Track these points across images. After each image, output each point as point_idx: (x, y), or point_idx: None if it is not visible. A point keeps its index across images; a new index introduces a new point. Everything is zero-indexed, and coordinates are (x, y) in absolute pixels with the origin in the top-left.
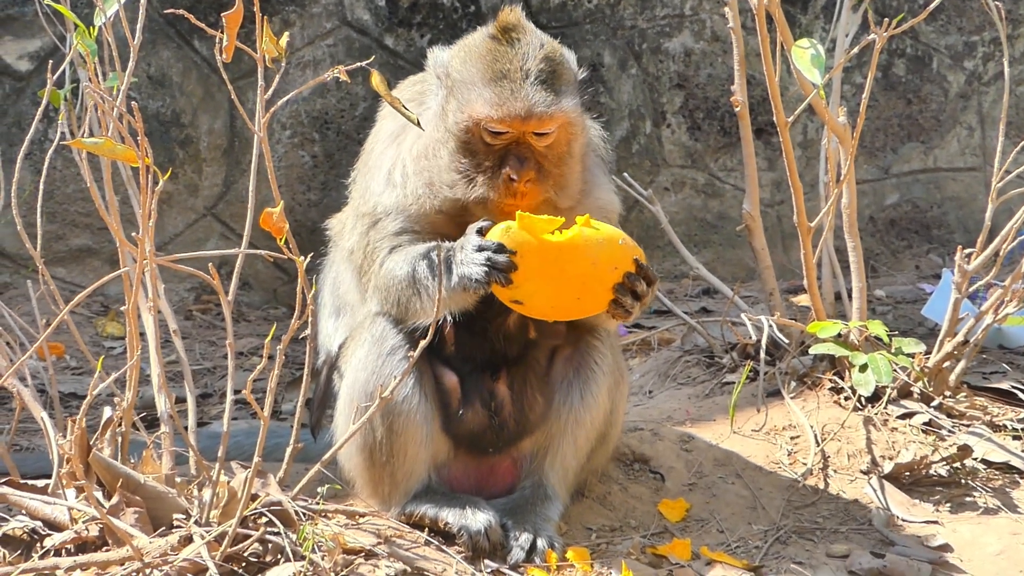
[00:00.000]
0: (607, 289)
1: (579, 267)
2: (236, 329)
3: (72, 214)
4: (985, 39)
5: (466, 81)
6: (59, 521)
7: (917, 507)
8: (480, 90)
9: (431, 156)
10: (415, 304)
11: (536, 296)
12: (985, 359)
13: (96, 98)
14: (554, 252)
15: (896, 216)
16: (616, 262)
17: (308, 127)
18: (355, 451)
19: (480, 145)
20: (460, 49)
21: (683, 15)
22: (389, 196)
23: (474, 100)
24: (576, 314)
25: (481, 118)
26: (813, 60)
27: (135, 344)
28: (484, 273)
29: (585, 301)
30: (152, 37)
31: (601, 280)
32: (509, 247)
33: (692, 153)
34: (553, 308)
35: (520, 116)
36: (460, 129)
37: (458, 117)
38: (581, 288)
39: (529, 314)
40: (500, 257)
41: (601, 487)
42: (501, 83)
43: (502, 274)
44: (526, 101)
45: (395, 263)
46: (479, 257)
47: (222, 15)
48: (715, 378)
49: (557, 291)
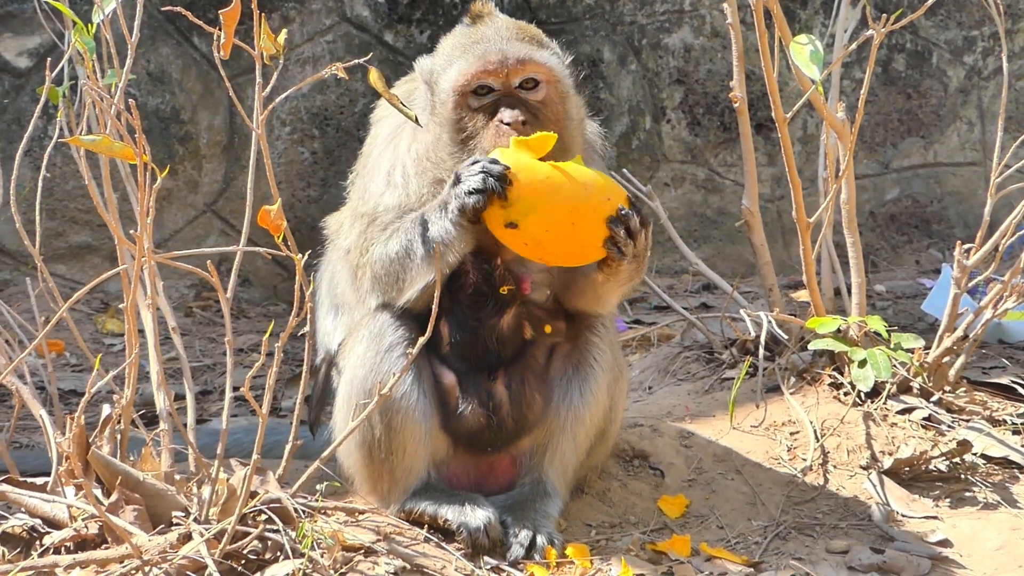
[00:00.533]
0: (600, 219)
1: (572, 189)
2: (236, 326)
3: (72, 211)
4: (985, 34)
5: (442, 68)
6: (58, 519)
7: (917, 502)
8: (456, 63)
9: (432, 155)
10: (414, 262)
11: (531, 216)
12: (985, 354)
13: (94, 96)
14: (548, 170)
15: (896, 211)
16: (608, 193)
17: (308, 123)
18: (354, 448)
19: (469, 113)
20: (440, 48)
21: (683, 11)
22: (391, 196)
23: (449, 77)
24: (571, 248)
25: (462, 82)
26: (812, 56)
27: (134, 342)
28: (480, 180)
29: (579, 228)
30: (151, 34)
31: (594, 207)
32: (503, 162)
33: (692, 149)
34: (547, 232)
35: (496, 63)
36: (448, 109)
37: (443, 99)
38: (574, 212)
39: (523, 245)
40: (495, 166)
41: (601, 483)
42: (474, 47)
43: (497, 182)
44: (501, 52)
45: (386, 241)
46: (475, 168)
47: (220, 12)
48: (715, 374)
49: (551, 212)
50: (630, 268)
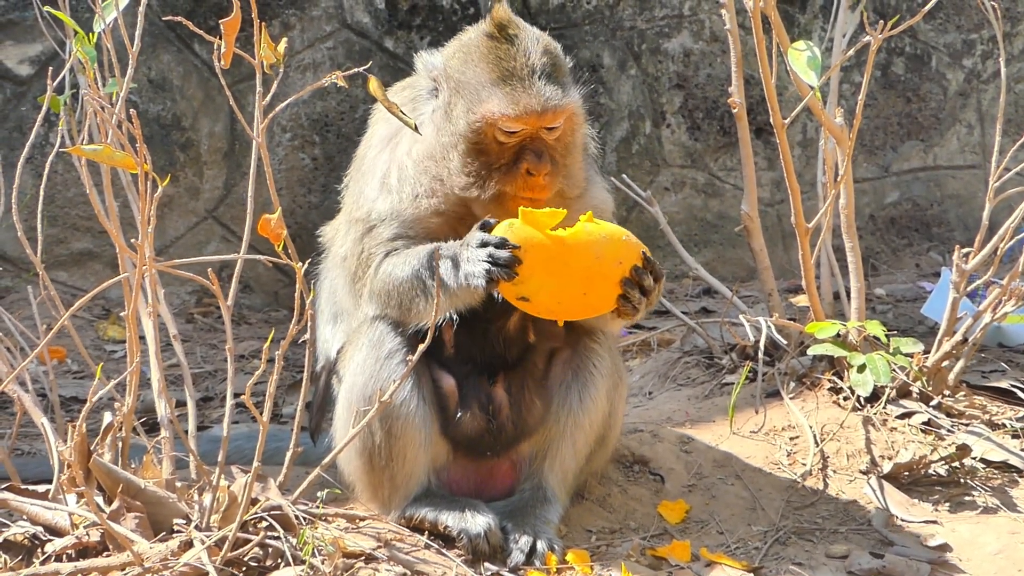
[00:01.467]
0: (613, 284)
1: (583, 261)
2: (237, 332)
3: (73, 218)
4: (984, 37)
5: (472, 82)
6: (60, 526)
7: (916, 507)
8: (490, 90)
9: (439, 159)
10: (419, 304)
11: (542, 292)
12: (984, 358)
13: (95, 105)
14: (557, 246)
15: (896, 214)
16: (620, 257)
17: (308, 130)
18: (354, 455)
19: (493, 145)
20: (457, 50)
21: (682, 15)
22: (384, 201)
23: (485, 100)
24: (583, 311)
25: (496, 118)
26: (809, 62)
27: (135, 349)
28: (485, 270)
29: (591, 297)
30: (152, 41)
31: (606, 275)
32: (513, 242)
33: (692, 153)
34: (559, 304)
35: (536, 112)
36: (472, 131)
37: (469, 119)
38: (586, 283)
39: (536, 312)
40: (502, 252)
41: (601, 489)
42: (511, 82)
43: (504, 269)
44: (539, 97)
45: (394, 266)
46: (481, 253)
47: (221, 21)
48: (714, 379)
49: (562, 286)
50: (642, 316)
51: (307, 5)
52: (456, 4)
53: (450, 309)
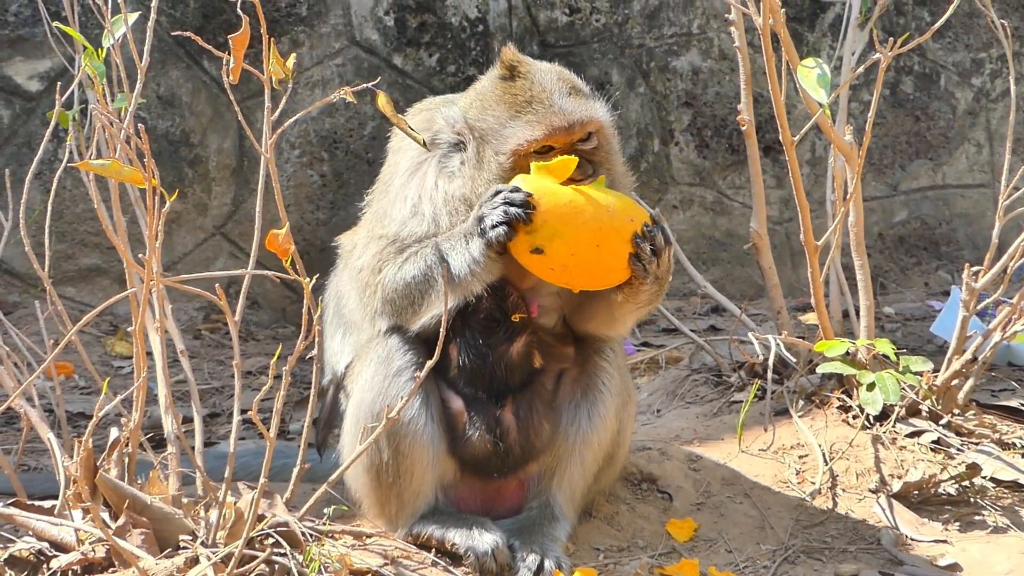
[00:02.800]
0: (624, 240)
1: (595, 210)
2: (245, 348)
3: (81, 234)
4: (992, 56)
5: (493, 126)
6: (66, 542)
7: (926, 526)
8: (513, 123)
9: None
10: (434, 289)
11: (555, 240)
12: (994, 376)
13: (104, 121)
14: (570, 194)
15: (905, 233)
16: (631, 213)
17: (317, 146)
18: (362, 472)
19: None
20: (474, 100)
21: (691, 34)
22: (416, 225)
23: (510, 135)
24: (597, 270)
25: (525, 144)
26: (819, 80)
27: (142, 365)
28: (503, 212)
29: (604, 250)
30: (161, 57)
31: (618, 229)
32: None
33: (700, 171)
34: (573, 256)
35: (563, 128)
36: (507, 169)
37: (500, 160)
38: (599, 234)
39: (550, 269)
40: (517, 195)
41: (609, 507)
42: (532, 107)
43: (520, 210)
44: (562, 114)
45: (403, 268)
46: (497, 200)
47: (229, 37)
48: (723, 397)
49: (576, 234)
50: (651, 290)
51: (316, 22)
52: (465, 22)
53: (471, 285)
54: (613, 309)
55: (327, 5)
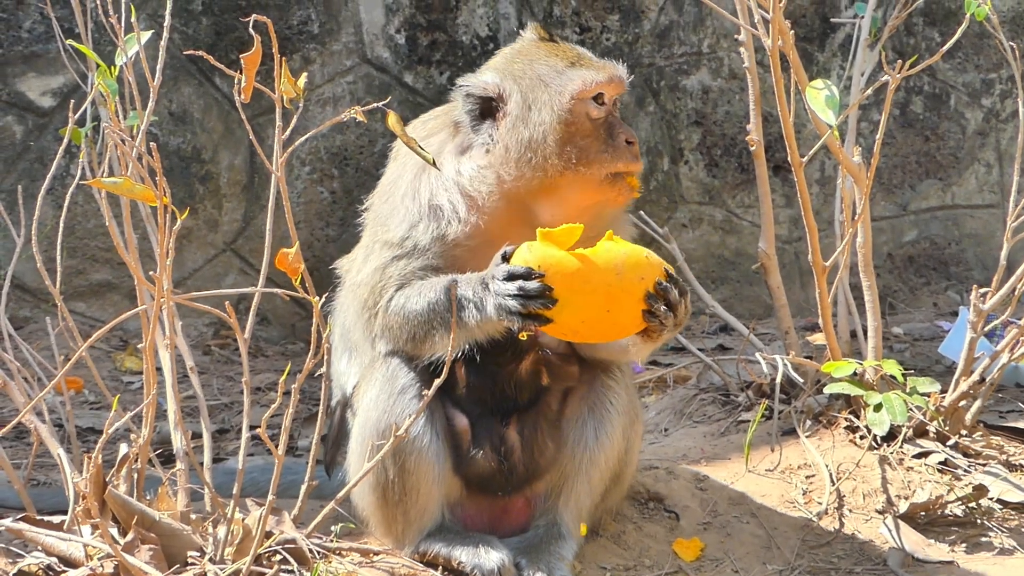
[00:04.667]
0: (636, 300)
1: (604, 276)
2: (254, 364)
3: (93, 249)
4: (1003, 76)
5: (548, 73)
6: (74, 558)
7: (932, 547)
8: (569, 73)
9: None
10: (434, 337)
11: (564, 311)
12: (1002, 398)
13: (116, 139)
14: (577, 263)
15: (914, 253)
16: (642, 272)
17: (327, 163)
18: (368, 490)
19: (585, 124)
20: (513, 57)
21: (701, 53)
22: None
23: (568, 82)
24: (608, 331)
25: (591, 86)
26: (827, 101)
27: (152, 381)
28: (521, 304)
29: (615, 314)
30: (174, 74)
31: (628, 291)
32: (535, 266)
33: (710, 190)
34: (583, 323)
35: (619, 77)
36: (565, 110)
37: (559, 103)
38: (608, 300)
39: (559, 334)
40: (532, 284)
41: (615, 526)
42: (583, 62)
43: (538, 301)
44: (614, 65)
45: (407, 298)
46: (511, 287)
47: (241, 56)
48: (731, 416)
49: (584, 304)
50: (668, 336)
51: (328, 40)
52: (476, 40)
53: (470, 341)
54: (629, 351)
55: (339, 23)
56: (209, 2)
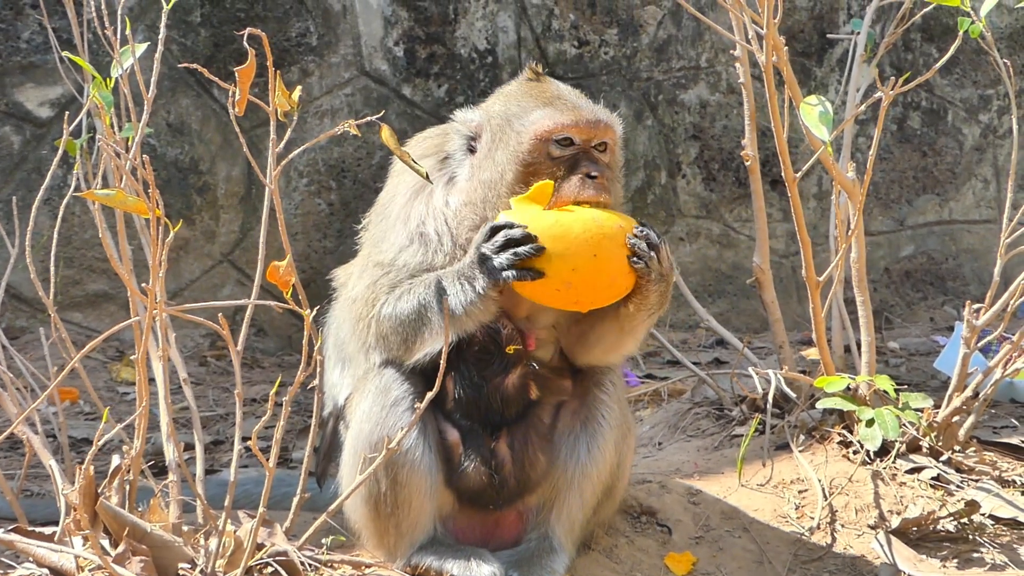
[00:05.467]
0: (618, 244)
1: (584, 223)
2: (250, 376)
3: (89, 259)
4: (1000, 92)
5: (517, 113)
6: (66, 569)
7: (924, 563)
8: (539, 111)
9: (483, 197)
10: (424, 334)
11: (553, 261)
12: (995, 413)
13: (110, 151)
14: (555, 215)
15: (911, 268)
16: (617, 220)
17: (325, 175)
18: (360, 502)
19: (545, 163)
20: (497, 97)
21: (699, 67)
22: (413, 253)
23: (534, 121)
24: (600, 281)
25: (552, 126)
26: (821, 117)
27: (144, 392)
28: (512, 254)
29: (602, 258)
30: (171, 85)
31: (610, 235)
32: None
33: (707, 204)
34: (574, 271)
35: (589, 122)
36: (524, 151)
37: (520, 140)
38: (592, 243)
39: (554, 289)
40: (516, 231)
41: (608, 540)
42: (558, 101)
43: (528, 247)
44: (589, 111)
45: (398, 298)
46: (498, 239)
47: (235, 70)
48: (724, 430)
49: (571, 249)
50: (659, 289)
51: (326, 52)
52: (474, 53)
53: (461, 332)
54: (623, 322)
55: (337, 35)
56: (208, 14)
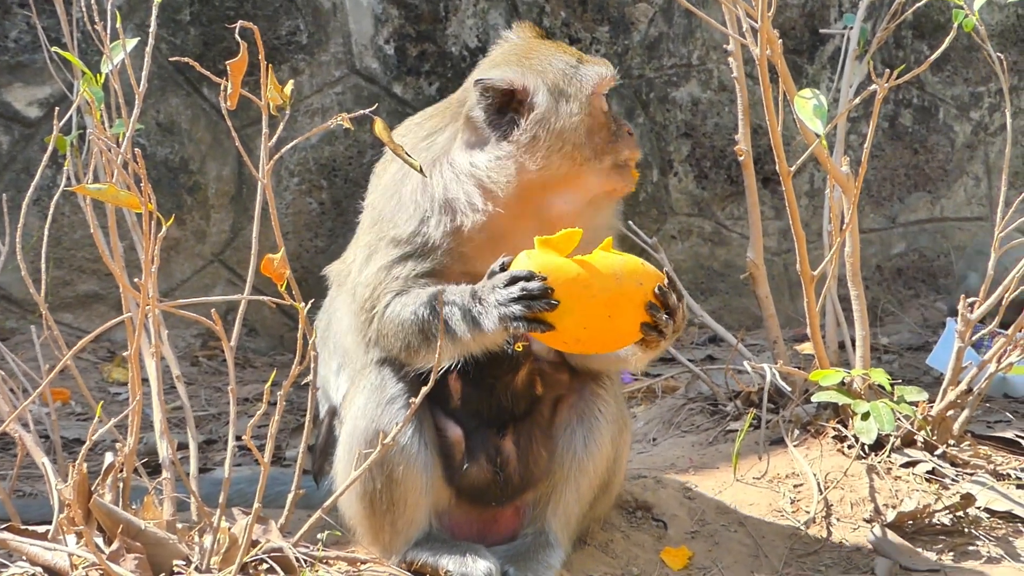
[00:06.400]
0: (636, 306)
1: (605, 282)
2: (242, 375)
3: (79, 260)
4: (991, 90)
5: (566, 70)
6: (60, 567)
7: (920, 556)
8: (583, 69)
9: (543, 155)
10: (429, 347)
11: (567, 317)
12: (989, 408)
13: (101, 146)
14: (577, 268)
15: (903, 265)
16: (639, 278)
17: (316, 174)
18: (355, 499)
19: (601, 116)
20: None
21: (690, 65)
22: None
23: (586, 77)
24: (608, 338)
25: (602, 83)
26: (815, 110)
27: (137, 390)
28: (525, 307)
29: (617, 320)
30: (161, 84)
31: (628, 296)
32: (536, 271)
33: (699, 201)
34: (585, 329)
35: (614, 73)
36: (587, 105)
37: (583, 96)
38: (610, 305)
39: (561, 342)
40: (534, 284)
41: (603, 535)
42: (587, 58)
43: (542, 302)
44: (607, 62)
45: (403, 306)
46: (514, 290)
47: (227, 64)
48: (719, 426)
49: (586, 309)
50: (668, 343)
51: (316, 50)
52: (465, 51)
53: (465, 354)
54: (627, 362)
55: (327, 33)
56: (197, 12)
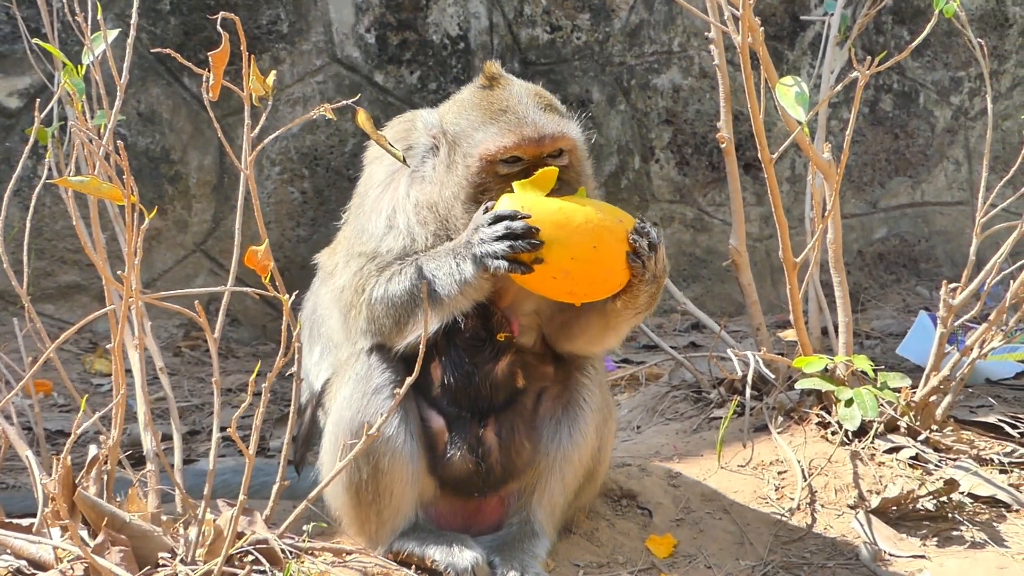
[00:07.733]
0: (618, 238)
1: (586, 213)
2: (225, 366)
3: (61, 251)
4: (971, 74)
5: (467, 129)
6: (44, 560)
7: (904, 541)
8: (485, 129)
9: (440, 208)
10: (419, 315)
11: (554, 248)
12: (972, 393)
13: (83, 137)
14: (558, 202)
15: (884, 250)
16: (618, 215)
17: (298, 163)
18: (341, 489)
19: (494, 179)
20: (451, 105)
21: (671, 52)
22: (393, 240)
23: (480, 140)
24: (597, 274)
25: (494, 150)
26: (797, 97)
27: (121, 382)
28: (508, 247)
29: (601, 250)
30: (142, 74)
31: (611, 229)
32: (519, 209)
33: (681, 188)
34: (573, 260)
35: (534, 140)
36: (473, 173)
37: (469, 162)
38: (594, 235)
39: (551, 277)
40: (518, 224)
41: (589, 523)
42: (505, 116)
43: (526, 240)
44: (535, 126)
45: (389, 286)
46: (498, 228)
47: (209, 54)
48: (702, 413)
49: (571, 238)
50: (649, 291)
51: (297, 39)
52: (446, 39)
53: (456, 311)
54: (609, 318)
55: (308, 22)
56: (177, 2)
